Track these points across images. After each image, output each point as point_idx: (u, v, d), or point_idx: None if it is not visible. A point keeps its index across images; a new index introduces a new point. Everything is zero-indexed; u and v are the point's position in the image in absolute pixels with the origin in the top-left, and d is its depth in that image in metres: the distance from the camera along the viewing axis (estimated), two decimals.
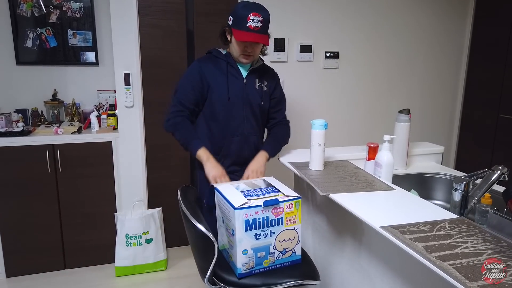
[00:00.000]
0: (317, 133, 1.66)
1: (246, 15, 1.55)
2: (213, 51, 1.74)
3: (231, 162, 1.72)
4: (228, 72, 1.69)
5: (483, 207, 1.32)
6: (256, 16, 1.56)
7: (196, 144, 1.64)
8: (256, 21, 1.57)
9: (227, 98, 1.66)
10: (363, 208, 1.28)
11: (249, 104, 1.70)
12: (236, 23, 1.59)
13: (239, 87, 1.69)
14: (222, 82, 1.67)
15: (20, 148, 2.31)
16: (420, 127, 3.28)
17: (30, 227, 2.42)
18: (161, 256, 2.56)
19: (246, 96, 1.70)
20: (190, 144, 1.65)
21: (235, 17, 1.60)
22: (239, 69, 1.71)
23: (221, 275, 1.33)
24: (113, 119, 2.57)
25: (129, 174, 2.56)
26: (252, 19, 1.56)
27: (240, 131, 1.70)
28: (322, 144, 1.67)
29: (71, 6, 2.61)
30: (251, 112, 1.71)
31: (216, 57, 1.72)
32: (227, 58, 1.70)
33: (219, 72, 1.68)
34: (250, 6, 1.59)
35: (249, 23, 1.56)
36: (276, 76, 1.86)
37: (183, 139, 1.66)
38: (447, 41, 3.22)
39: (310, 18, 2.81)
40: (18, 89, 2.63)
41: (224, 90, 1.66)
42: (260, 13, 1.57)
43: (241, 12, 1.57)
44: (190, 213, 1.32)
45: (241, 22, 1.56)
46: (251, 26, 1.57)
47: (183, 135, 1.65)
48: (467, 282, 0.86)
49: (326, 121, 1.67)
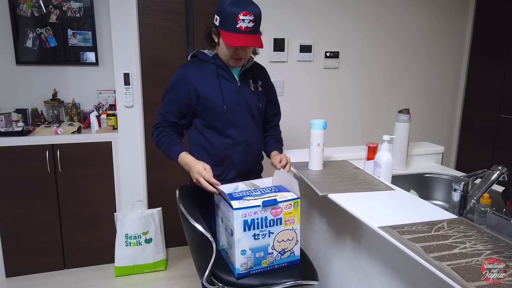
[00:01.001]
0: (316, 133, 1.64)
1: (236, 15, 1.37)
2: (199, 54, 1.56)
3: (236, 174, 1.57)
4: (219, 76, 1.51)
5: (482, 207, 1.31)
6: (247, 15, 1.37)
7: (178, 149, 1.49)
8: (247, 21, 1.38)
9: (222, 106, 1.49)
10: (362, 208, 1.28)
11: (247, 108, 1.55)
12: (224, 24, 1.40)
13: (233, 91, 1.52)
14: (214, 88, 1.50)
15: (20, 148, 2.31)
16: (420, 127, 3.27)
17: (30, 227, 2.42)
18: (160, 256, 2.56)
19: (243, 99, 1.54)
20: (170, 153, 1.50)
21: (222, 17, 1.40)
22: (231, 72, 1.55)
23: (219, 275, 1.32)
24: (112, 119, 2.57)
25: (129, 174, 2.56)
26: (242, 19, 1.37)
27: (243, 139, 1.55)
28: (321, 144, 1.65)
29: (71, 6, 2.61)
30: (250, 117, 1.57)
31: (203, 60, 1.54)
32: (216, 60, 1.53)
33: (209, 77, 1.50)
34: (238, 2, 1.39)
35: (240, 24, 1.38)
36: (268, 74, 1.72)
37: (165, 150, 1.51)
38: (448, 40, 3.22)
39: (310, 18, 2.81)
40: (18, 89, 2.64)
41: (218, 96, 1.49)
42: (250, 10, 1.38)
43: (229, 11, 1.38)
44: (188, 213, 1.32)
45: (230, 23, 1.38)
46: (242, 27, 1.38)
47: (164, 146, 1.51)
48: (465, 283, 0.86)
49: (325, 121, 1.65)
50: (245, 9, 1.38)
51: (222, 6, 1.41)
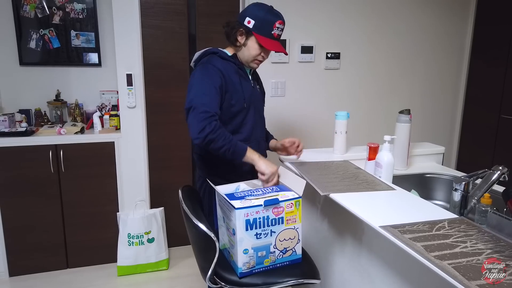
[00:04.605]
0: (340, 122, 1.89)
1: (273, 22, 1.50)
2: (219, 52, 1.58)
3: (247, 169, 1.57)
4: (239, 75, 1.58)
5: (483, 207, 1.32)
6: (281, 24, 1.53)
7: (243, 145, 1.47)
8: (280, 29, 1.54)
9: (243, 103, 1.56)
10: (363, 207, 1.29)
11: (257, 108, 1.65)
12: (260, 28, 1.50)
13: (250, 91, 1.61)
14: (237, 86, 1.55)
15: (23, 148, 2.33)
16: (421, 127, 3.28)
17: (33, 227, 2.44)
18: (163, 256, 2.57)
19: (255, 99, 1.64)
20: (237, 147, 1.44)
21: (258, 21, 1.50)
22: (247, 72, 1.64)
23: (222, 274, 1.34)
24: (115, 120, 2.58)
25: (131, 174, 2.58)
26: (278, 27, 1.52)
27: (253, 137, 1.63)
28: (343, 132, 1.90)
29: (74, 7, 2.62)
30: (259, 116, 1.68)
31: (225, 59, 1.56)
32: (235, 60, 1.59)
33: (233, 75, 1.55)
34: (274, 12, 1.53)
35: (274, 31, 1.51)
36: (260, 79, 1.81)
37: (228, 144, 1.42)
38: (448, 41, 3.22)
39: (311, 19, 2.82)
40: (22, 89, 2.66)
41: (241, 94, 1.56)
42: (284, 21, 1.54)
43: (267, 18, 1.50)
44: (191, 213, 1.33)
45: (267, 29, 1.50)
46: (275, 34, 1.52)
47: (226, 140, 1.42)
48: (465, 282, 0.87)
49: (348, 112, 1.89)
50: (281, 19, 1.53)
51: (257, 11, 1.51)
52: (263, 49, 1.55)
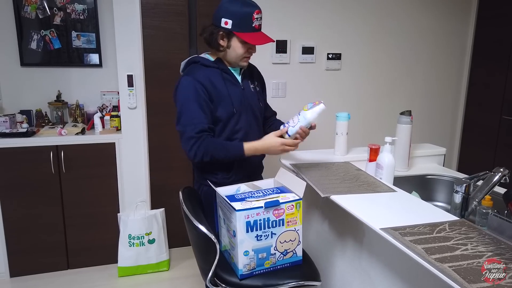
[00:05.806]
0: (341, 124, 1.88)
1: (251, 14, 1.40)
2: (200, 60, 1.53)
3: (242, 176, 1.58)
4: (225, 80, 1.52)
5: (484, 209, 1.32)
6: (259, 14, 1.43)
7: (238, 146, 1.46)
8: (259, 18, 1.44)
9: (232, 109, 1.51)
10: (364, 209, 1.29)
11: (251, 111, 1.58)
12: (239, 26, 1.42)
13: (239, 94, 1.54)
14: (223, 93, 1.50)
15: (24, 149, 2.33)
16: (422, 128, 3.27)
17: (34, 227, 2.44)
18: (163, 257, 2.57)
19: (247, 102, 1.56)
20: (233, 151, 1.46)
21: (236, 19, 1.41)
22: (234, 75, 1.56)
23: (222, 276, 1.33)
24: (116, 120, 2.59)
25: (132, 175, 2.58)
26: (256, 17, 1.42)
27: (248, 141, 1.54)
28: (344, 133, 1.89)
29: (75, 8, 2.63)
30: (254, 119, 1.60)
31: (206, 65, 1.51)
32: (219, 64, 1.52)
33: (217, 82, 1.49)
34: (248, 3, 1.43)
35: (255, 23, 1.42)
36: (260, 72, 1.74)
37: (224, 153, 1.45)
38: (450, 42, 3.22)
39: (312, 20, 2.82)
40: (23, 90, 2.66)
41: (228, 100, 1.50)
42: (260, 9, 1.44)
43: (244, 12, 1.41)
44: (191, 214, 1.33)
45: (247, 23, 1.41)
46: (257, 26, 1.43)
47: (221, 151, 1.45)
48: (466, 284, 0.86)
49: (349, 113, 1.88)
50: (257, 8, 1.44)
51: (233, 9, 1.41)
52: (249, 45, 1.48)
